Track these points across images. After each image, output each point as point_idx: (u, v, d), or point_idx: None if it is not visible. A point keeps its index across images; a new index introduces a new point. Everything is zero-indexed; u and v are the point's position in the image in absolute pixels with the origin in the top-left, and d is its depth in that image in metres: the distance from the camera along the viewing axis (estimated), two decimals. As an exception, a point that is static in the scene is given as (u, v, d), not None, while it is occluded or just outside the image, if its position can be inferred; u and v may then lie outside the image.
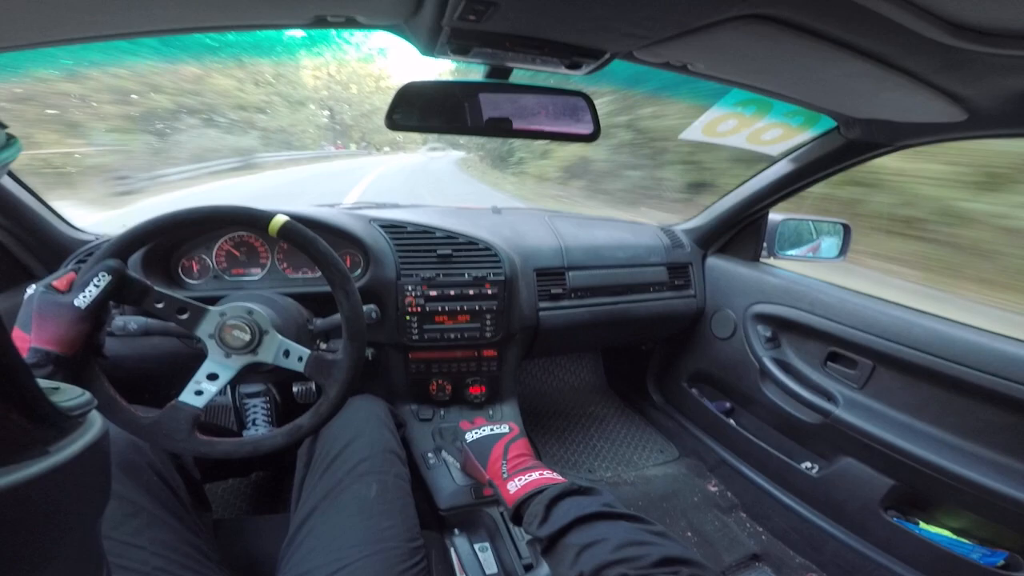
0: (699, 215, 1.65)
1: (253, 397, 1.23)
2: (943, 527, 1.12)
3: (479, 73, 0.82)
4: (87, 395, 0.30)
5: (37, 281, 0.65)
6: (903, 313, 1.13)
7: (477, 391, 1.34)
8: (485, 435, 0.92)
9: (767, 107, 1.05)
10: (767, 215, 1.49)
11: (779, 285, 1.40)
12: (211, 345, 0.73)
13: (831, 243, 1.51)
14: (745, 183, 1.45)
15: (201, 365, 0.73)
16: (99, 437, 0.29)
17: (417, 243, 1.21)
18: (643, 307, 1.52)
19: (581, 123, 0.88)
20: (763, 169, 1.37)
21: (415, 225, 1.22)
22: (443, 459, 1.15)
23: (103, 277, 0.63)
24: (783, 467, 1.40)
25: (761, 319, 1.44)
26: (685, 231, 1.67)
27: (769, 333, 1.42)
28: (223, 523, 0.89)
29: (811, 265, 1.54)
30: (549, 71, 0.79)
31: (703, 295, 1.62)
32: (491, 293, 1.23)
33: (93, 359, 0.66)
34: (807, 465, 1.36)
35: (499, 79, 0.82)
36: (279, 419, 1.24)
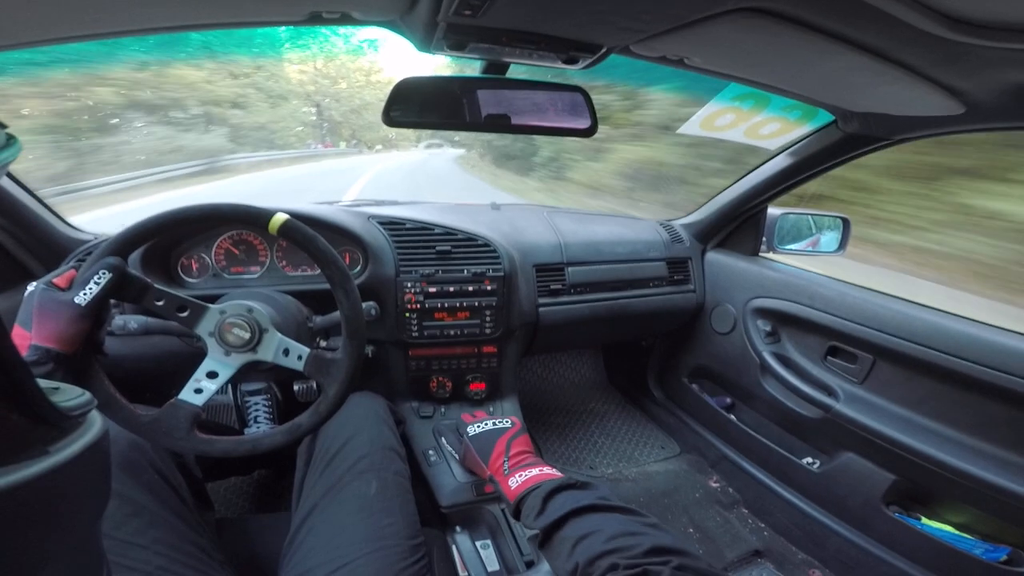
0: (698, 210, 1.65)
1: (254, 395, 1.23)
2: (945, 522, 1.12)
3: (476, 69, 0.82)
4: (87, 395, 0.30)
5: (37, 280, 0.65)
6: (903, 307, 1.13)
7: (477, 387, 1.34)
8: (487, 429, 0.92)
9: (765, 101, 1.05)
10: (766, 209, 1.49)
11: (779, 279, 1.40)
12: (211, 343, 0.73)
13: (830, 237, 1.51)
14: (743, 177, 1.45)
15: (201, 363, 0.73)
16: (99, 437, 0.29)
17: (416, 240, 1.21)
18: (643, 302, 1.52)
19: (579, 117, 0.88)
20: (761, 163, 1.37)
21: (414, 222, 1.22)
22: (444, 455, 1.15)
23: (104, 275, 0.63)
24: (784, 462, 1.40)
25: (761, 314, 1.44)
26: (684, 226, 1.67)
27: (769, 328, 1.42)
28: (225, 522, 0.89)
29: (810, 259, 1.54)
30: (546, 66, 0.79)
31: (703, 290, 1.61)
32: (490, 289, 1.23)
33: (93, 357, 0.66)
34: (808, 460, 1.36)
35: (496, 74, 0.82)
36: (281, 417, 1.24)
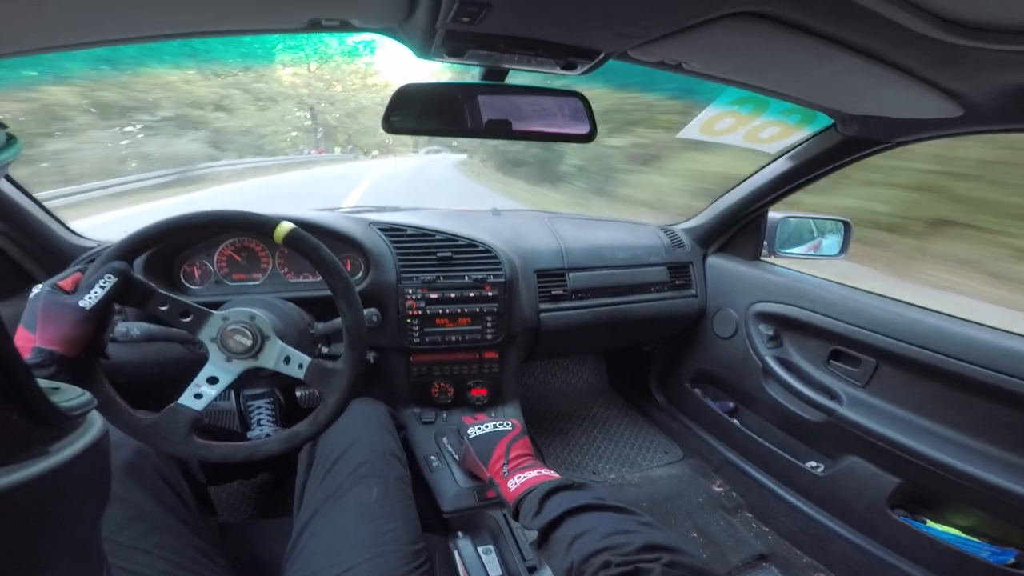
0: (699, 214, 1.65)
1: (257, 399, 1.23)
2: (951, 525, 1.11)
3: (475, 75, 0.82)
4: (87, 395, 0.30)
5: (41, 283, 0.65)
6: (906, 310, 1.12)
7: (479, 393, 1.34)
8: (488, 432, 0.92)
9: (764, 105, 1.05)
10: (767, 213, 1.49)
11: (780, 283, 1.40)
12: (212, 349, 0.73)
13: (832, 241, 1.51)
14: (743, 181, 1.45)
15: (202, 369, 0.73)
16: (99, 437, 0.29)
17: (417, 246, 1.21)
18: (644, 307, 1.51)
19: (578, 123, 0.89)
20: (761, 167, 1.37)
21: (415, 228, 1.23)
22: (446, 461, 1.15)
23: (109, 279, 0.63)
24: (788, 466, 1.40)
25: (763, 318, 1.44)
26: (685, 230, 1.67)
27: (771, 332, 1.42)
28: (228, 527, 0.89)
29: (812, 263, 1.53)
30: (544, 72, 0.79)
31: (704, 295, 1.61)
32: (491, 295, 1.23)
33: (95, 360, 0.66)
34: (812, 464, 1.35)
35: (495, 80, 0.82)
36: (284, 419, 1.24)
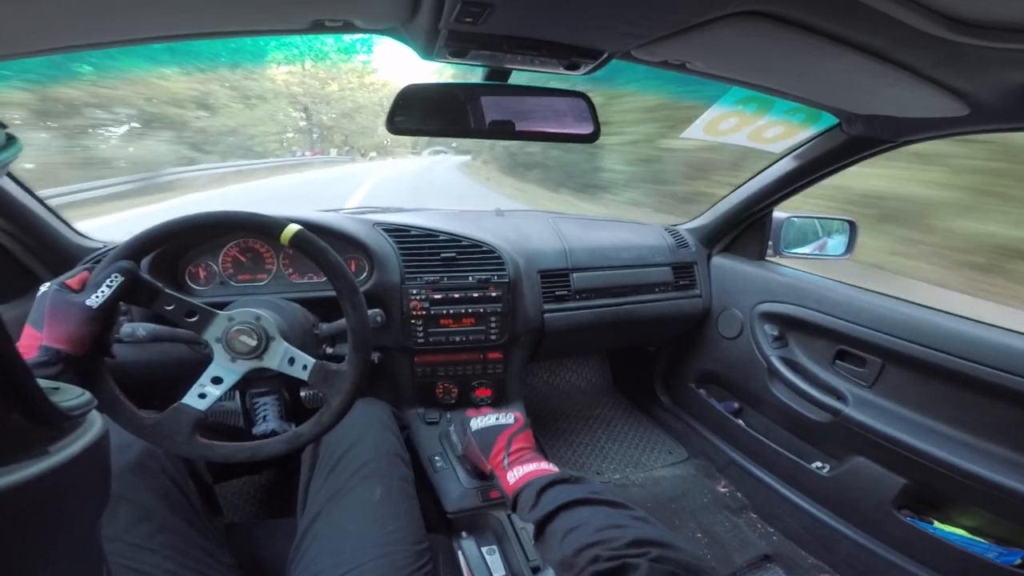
0: (703, 214, 1.65)
1: (263, 395, 1.24)
2: (958, 526, 1.10)
3: (478, 75, 0.82)
4: (87, 395, 0.31)
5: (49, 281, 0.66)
6: (912, 310, 1.12)
7: (483, 394, 1.34)
8: (490, 424, 0.92)
9: (768, 105, 1.05)
10: (771, 213, 1.48)
11: (785, 283, 1.39)
12: (217, 349, 0.73)
13: (837, 240, 1.50)
14: (748, 181, 1.44)
15: (206, 369, 0.74)
16: (99, 437, 0.30)
17: (421, 247, 1.21)
18: (648, 308, 1.51)
19: (582, 123, 0.89)
20: (766, 167, 1.37)
21: (419, 228, 1.23)
22: (450, 461, 1.15)
23: (116, 278, 0.64)
24: (793, 467, 1.39)
25: (768, 318, 1.43)
26: (689, 230, 1.66)
27: (776, 332, 1.41)
28: (233, 527, 0.90)
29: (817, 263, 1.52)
30: (548, 72, 0.79)
31: (709, 295, 1.61)
32: (495, 296, 1.23)
33: (101, 359, 0.67)
34: (818, 465, 1.34)
35: (498, 81, 0.82)
36: (288, 414, 1.25)
